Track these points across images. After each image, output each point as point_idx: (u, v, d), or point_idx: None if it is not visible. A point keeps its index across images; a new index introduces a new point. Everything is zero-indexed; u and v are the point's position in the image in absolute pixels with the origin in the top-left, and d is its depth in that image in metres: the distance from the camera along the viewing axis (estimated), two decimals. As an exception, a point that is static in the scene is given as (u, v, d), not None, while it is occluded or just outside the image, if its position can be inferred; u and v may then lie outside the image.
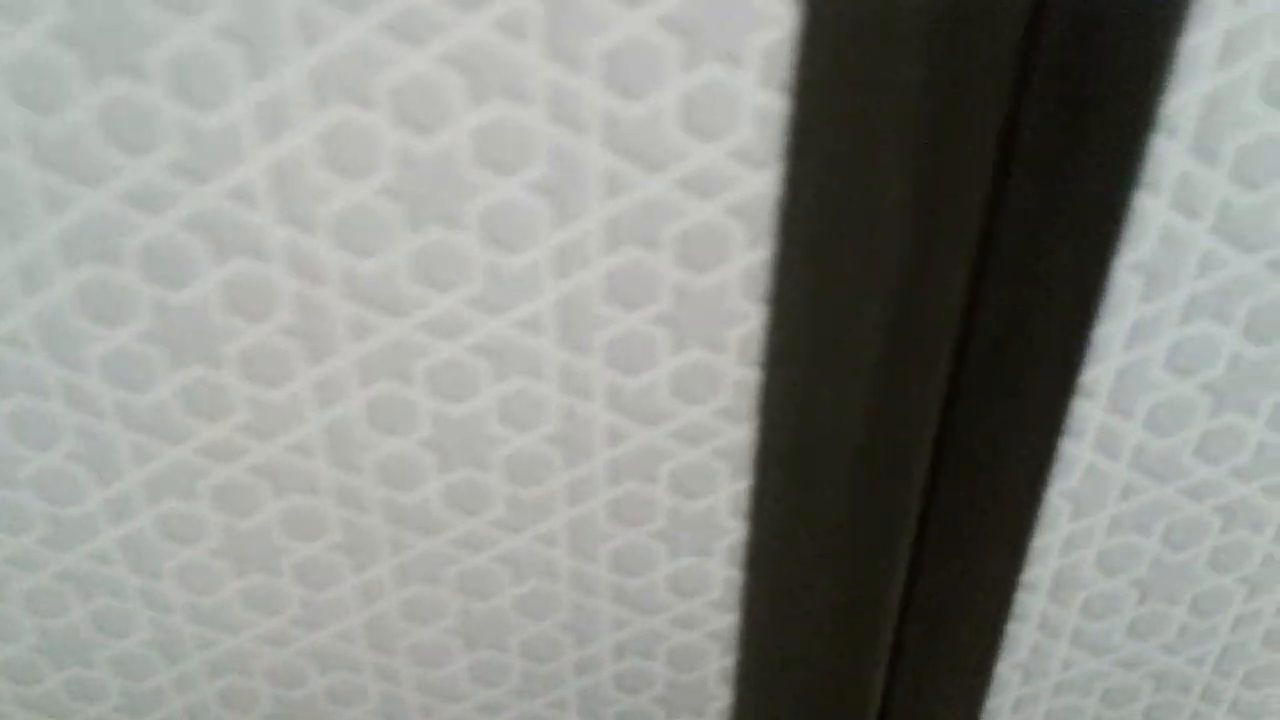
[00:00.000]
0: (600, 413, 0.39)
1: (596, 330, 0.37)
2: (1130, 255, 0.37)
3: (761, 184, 0.34)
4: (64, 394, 0.37)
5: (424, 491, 0.41)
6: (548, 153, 0.33)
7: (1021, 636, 0.47)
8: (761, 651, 0.37)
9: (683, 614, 0.44)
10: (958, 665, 0.41)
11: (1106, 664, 0.48)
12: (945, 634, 0.44)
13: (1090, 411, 0.41)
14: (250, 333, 0.36)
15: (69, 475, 0.39)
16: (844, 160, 0.35)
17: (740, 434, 0.40)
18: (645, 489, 0.41)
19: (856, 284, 0.38)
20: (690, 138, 0.34)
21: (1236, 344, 0.39)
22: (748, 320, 0.37)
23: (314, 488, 0.40)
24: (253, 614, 0.43)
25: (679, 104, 0.33)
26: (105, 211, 0.33)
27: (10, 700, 0.45)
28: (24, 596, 0.42)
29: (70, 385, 0.37)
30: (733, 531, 0.42)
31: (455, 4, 0.31)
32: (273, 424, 0.38)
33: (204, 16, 0.30)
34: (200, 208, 0.33)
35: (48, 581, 0.42)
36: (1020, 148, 0.35)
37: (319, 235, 0.34)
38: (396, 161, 0.33)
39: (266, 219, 0.34)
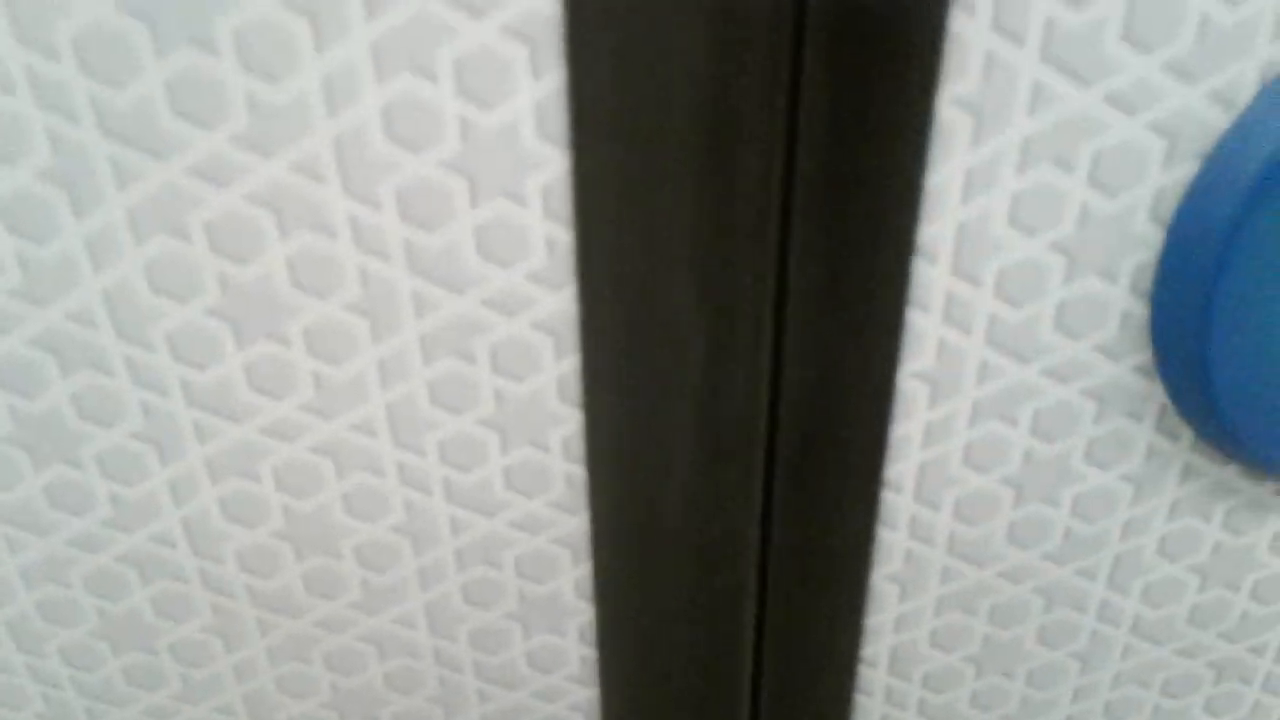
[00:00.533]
0: (441, 505, 0.40)
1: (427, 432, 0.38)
2: (914, 364, 0.38)
3: (562, 301, 0.34)
4: (129, 370, 0.37)
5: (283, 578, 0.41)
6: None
7: (871, 708, 0.48)
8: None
9: (544, 688, 0.45)
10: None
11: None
12: (797, 705, 0.44)
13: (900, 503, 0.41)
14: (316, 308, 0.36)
15: (133, 454, 0.39)
16: (631, 279, 0.36)
17: (576, 523, 0.40)
18: (492, 574, 0.41)
19: (661, 385, 0.38)
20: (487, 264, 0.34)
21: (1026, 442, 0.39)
22: (568, 422, 0.37)
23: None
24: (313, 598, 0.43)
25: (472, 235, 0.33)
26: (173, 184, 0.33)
27: (69, 685, 0.45)
28: (85, 580, 0.42)
29: (135, 361, 0.37)
30: (582, 612, 0.42)
31: (256, 151, 0.30)
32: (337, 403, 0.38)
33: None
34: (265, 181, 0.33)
35: (109, 564, 0.42)
36: (793, 262, 0.34)
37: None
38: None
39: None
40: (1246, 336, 0.36)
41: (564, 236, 0.33)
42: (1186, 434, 0.42)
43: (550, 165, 0.32)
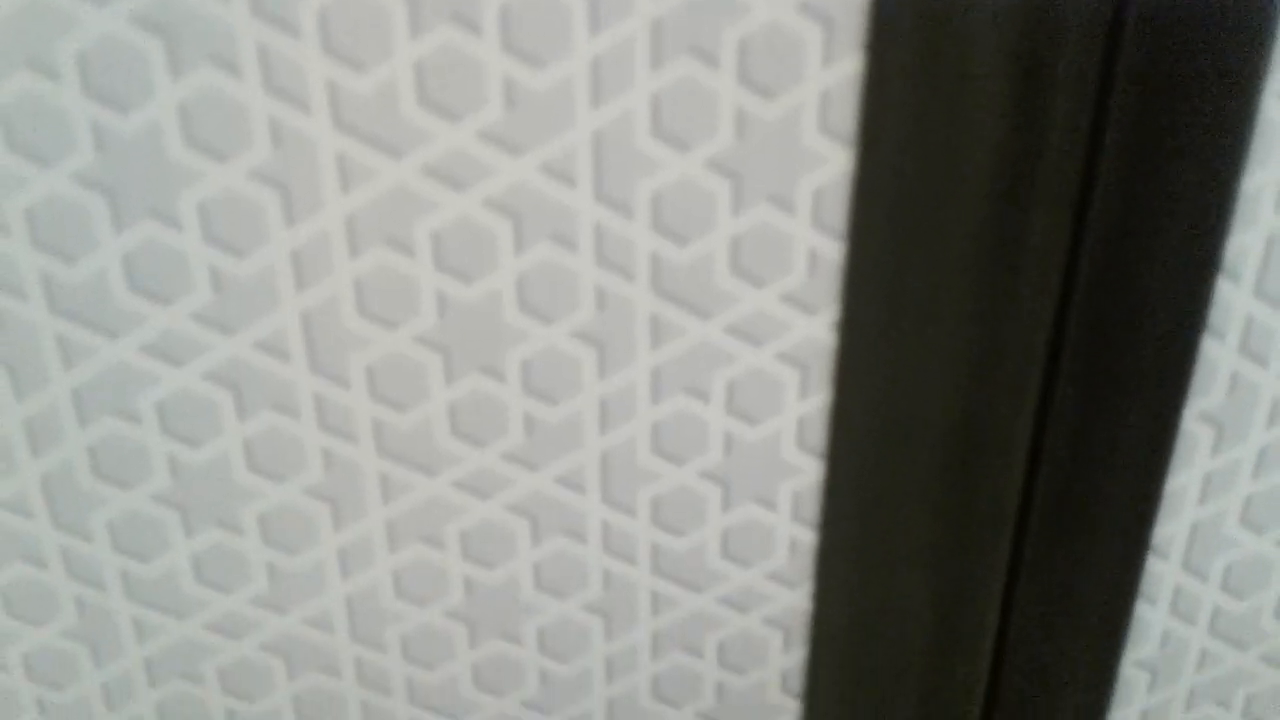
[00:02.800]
0: (402, 706, 0.38)
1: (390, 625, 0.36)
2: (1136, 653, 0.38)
3: (817, 326, 0.33)
4: (64, 562, 0.34)
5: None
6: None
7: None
8: None
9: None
10: None
11: None
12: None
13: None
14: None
15: (66, 653, 0.36)
16: (869, 579, 0.37)
17: (792, 599, 0.37)
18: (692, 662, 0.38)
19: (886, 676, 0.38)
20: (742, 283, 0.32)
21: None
22: (801, 474, 0.35)
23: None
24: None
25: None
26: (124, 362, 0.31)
27: None
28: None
29: (71, 552, 0.34)
30: (788, 710, 0.39)
31: (502, 149, 0.29)
32: (291, 594, 0.35)
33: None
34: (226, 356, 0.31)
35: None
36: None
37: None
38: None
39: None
40: None
41: (807, 536, 0.35)
42: None
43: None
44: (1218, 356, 0.34)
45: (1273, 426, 0.35)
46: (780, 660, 0.38)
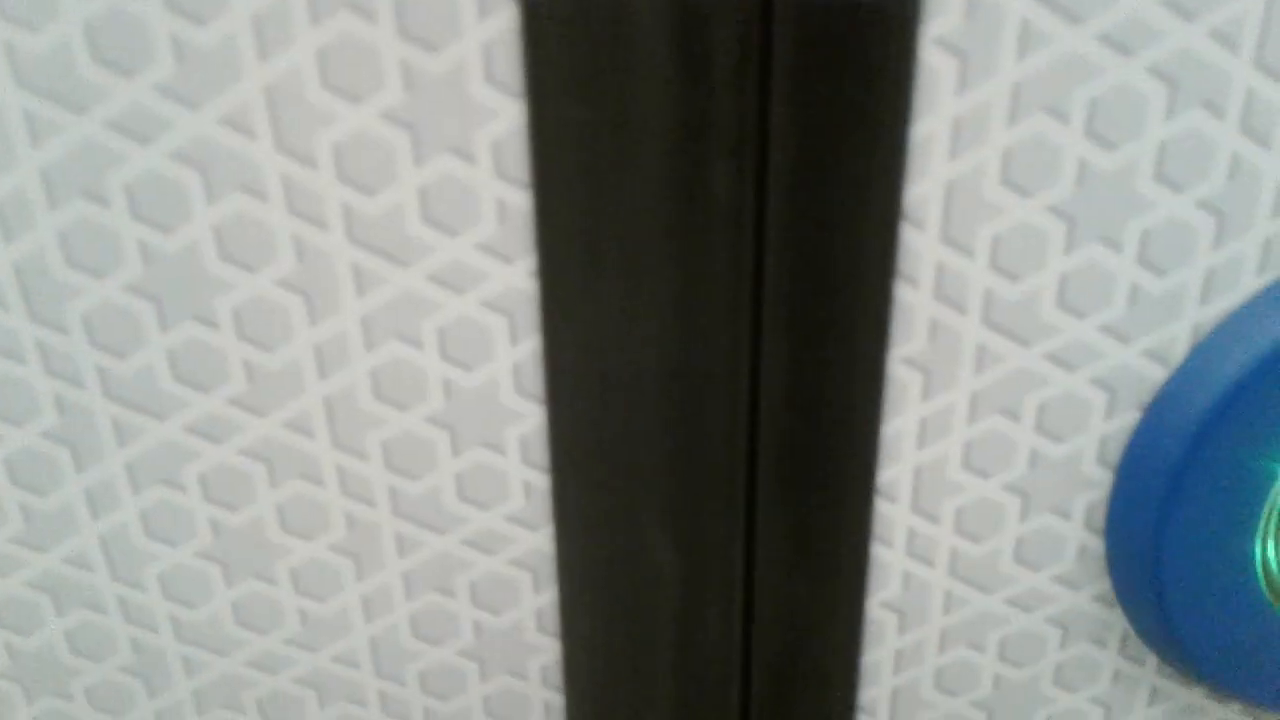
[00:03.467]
0: None
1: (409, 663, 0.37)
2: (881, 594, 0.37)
3: (516, 275, 0.34)
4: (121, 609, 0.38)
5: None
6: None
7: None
8: None
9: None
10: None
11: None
12: None
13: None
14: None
15: (123, 687, 0.40)
16: (605, 522, 0.39)
17: (535, 541, 0.39)
18: None
19: (639, 622, 0.40)
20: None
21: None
22: (525, 419, 0.36)
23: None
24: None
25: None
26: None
27: None
28: None
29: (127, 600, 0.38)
30: (548, 649, 0.41)
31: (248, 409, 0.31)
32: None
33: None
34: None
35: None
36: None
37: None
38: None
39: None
40: (1198, 566, 0.38)
41: (541, 480, 0.37)
42: (1152, 659, 0.43)
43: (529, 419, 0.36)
44: (914, 303, 0.35)
45: (980, 373, 0.36)
46: (533, 600, 0.40)
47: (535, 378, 0.36)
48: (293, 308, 0.34)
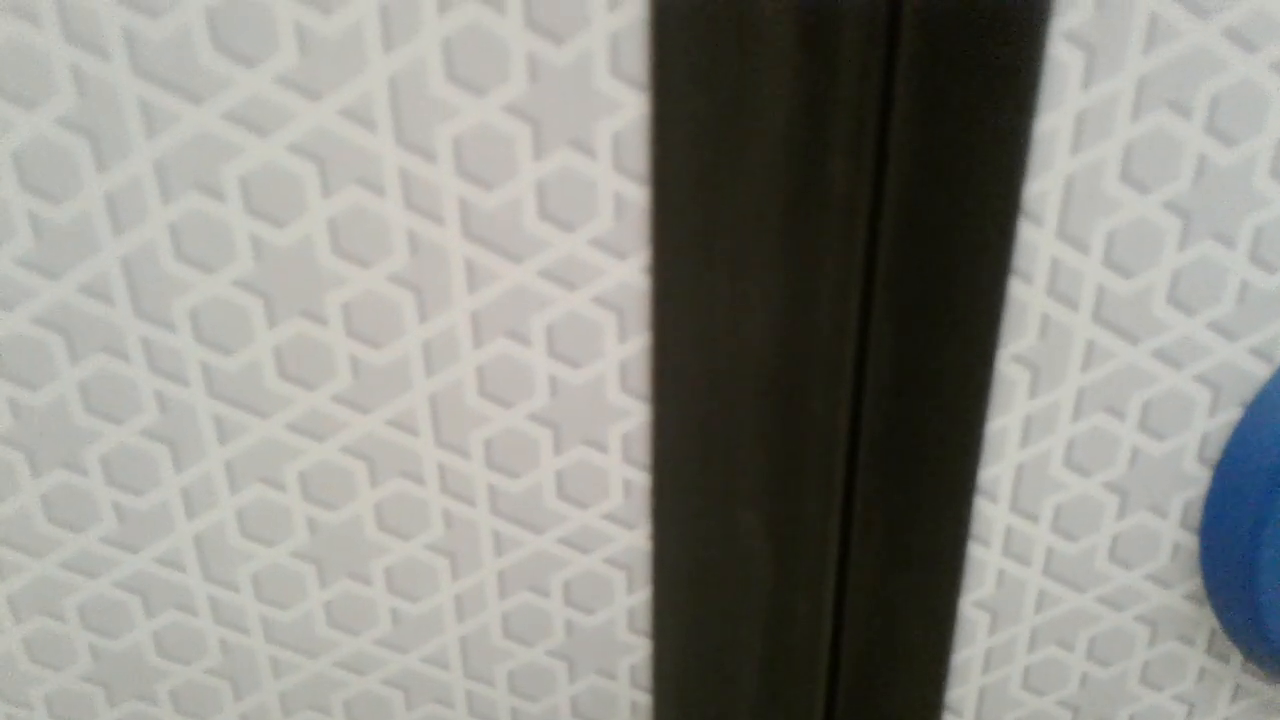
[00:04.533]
0: None
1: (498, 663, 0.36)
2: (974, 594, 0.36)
3: (629, 271, 0.34)
4: (211, 607, 0.38)
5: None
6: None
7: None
8: None
9: None
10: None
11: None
12: None
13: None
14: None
15: (209, 689, 0.40)
16: (702, 517, 0.38)
17: (632, 540, 0.39)
18: None
19: (729, 616, 0.40)
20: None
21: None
22: (629, 416, 0.36)
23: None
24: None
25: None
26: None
27: None
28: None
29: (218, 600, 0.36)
30: (639, 647, 0.41)
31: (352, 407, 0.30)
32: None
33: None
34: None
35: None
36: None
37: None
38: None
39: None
40: None
41: (640, 478, 0.37)
42: (1236, 656, 0.42)
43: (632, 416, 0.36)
44: (1027, 299, 0.35)
45: (1088, 370, 0.36)
46: (626, 600, 0.39)
47: (641, 375, 0.35)
48: (404, 304, 0.33)
